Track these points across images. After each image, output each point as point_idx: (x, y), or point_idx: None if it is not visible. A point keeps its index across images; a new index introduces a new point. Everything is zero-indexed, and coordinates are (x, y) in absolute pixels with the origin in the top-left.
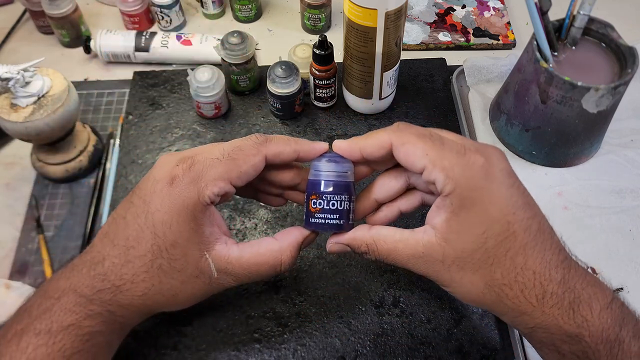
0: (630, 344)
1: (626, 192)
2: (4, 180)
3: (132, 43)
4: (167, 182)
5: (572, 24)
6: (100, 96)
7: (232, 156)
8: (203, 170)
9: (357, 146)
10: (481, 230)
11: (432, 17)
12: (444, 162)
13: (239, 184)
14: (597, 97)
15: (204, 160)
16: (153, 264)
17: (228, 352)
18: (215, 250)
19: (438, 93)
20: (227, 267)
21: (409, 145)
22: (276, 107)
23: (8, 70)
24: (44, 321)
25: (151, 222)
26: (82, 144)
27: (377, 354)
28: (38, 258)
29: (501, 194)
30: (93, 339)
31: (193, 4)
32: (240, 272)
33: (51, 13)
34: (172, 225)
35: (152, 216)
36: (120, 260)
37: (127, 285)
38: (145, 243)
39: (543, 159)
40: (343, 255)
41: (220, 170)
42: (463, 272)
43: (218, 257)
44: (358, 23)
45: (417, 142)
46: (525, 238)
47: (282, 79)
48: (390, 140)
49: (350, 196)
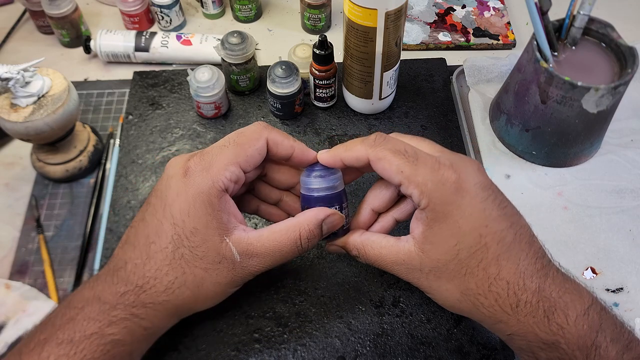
0: (607, 349)
1: (626, 192)
2: (4, 180)
3: (132, 43)
4: (181, 175)
5: (572, 24)
6: (100, 96)
7: (237, 142)
8: (213, 158)
9: (339, 157)
10: (453, 243)
11: (432, 17)
12: (417, 179)
13: (247, 168)
14: (597, 97)
15: (212, 150)
16: (175, 254)
17: (228, 352)
18: (235, 234)
19: (438, 93)
20: (249, 249)
21: (384, 162)
22: (276, 107)
23: (8, 70)
24: (67, 331)
25: (169, 213)
26: (82, 144)
27: (377, 354)
28: (38, 258)
29: (473, 208)
30: (115, 349)
31: (193, 4)
32: (262, 252)
33: (51, 13)
34: (190, 212)
35: (169, 208)
36: (142, 259)
37: (150, 283)
38: (166, 235)
39: (543, 159)
40: (343, 256)
41: (229, 155)
42: (440, 280)
43: (238, 240)
44: (358, 23)
45: (392, 159)
46: (498, 249)
47: (282, 79)
48: (367, 155)
49: (342, 204)
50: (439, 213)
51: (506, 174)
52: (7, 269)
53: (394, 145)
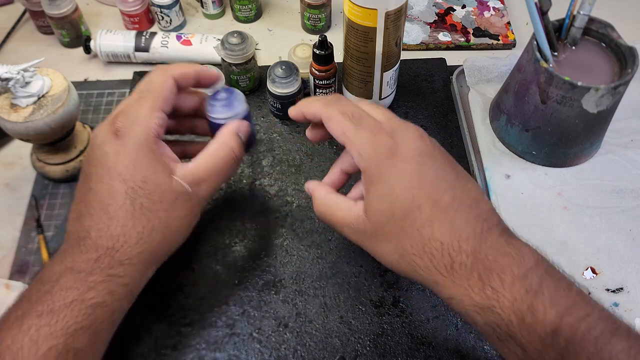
0: (545, 312)
1: (626, 192)
2: (4, 180)
3: (132, 43)
4: (113, 138)
5: (572, 24)
6: (101, 96)
7: (148, 89)
8: (136, 111)
9: (301, 111)
10: (387, 204)
11: (432, 17)
12: (357, 141)
13: (167, 109)
14: (597, 97)
15: (131, 105)
16: (134, 206)
17: (228, 352)
18: (178, 170)
19: (438, 93)
20: (195, 178)
21: (332, 122)
22: (276, 107)
23: (8, 70)
24: (45, 302)
25: (116, 173)
26: (82, 144)
27: (377, 354)
28: (38, 258)
29: (407, 171)
30: (96, 311)
31: (193, 4)
32: (207, 176)
33: (51, 13)
34: (136, 164)
35: (114, 169)
36: (104, 223)
37: (120, 241)
38: (119, 193)
39: (543, 159)
40: (343, 256)
41: (150, 103)
42: (380, 243)
43: (184, 174)
44: (358, 23)
45: (339, 120)
46: (433, 211)
47: (282, 79)
48: (320, 114)
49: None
50: (374, 176)
51: (506, 174)
52: (7, 269)
53: (343, 107)
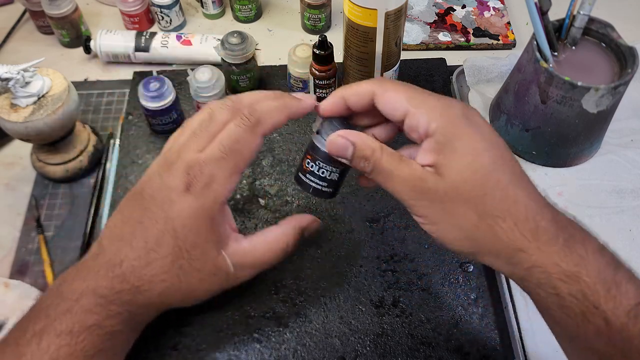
0: (627, 287)
1: (626, 192)
2: (4, 180)
3: (132, 43)
4: (183, 190)
5: (572, 24)
6: (100, 96)
7: (234, 149)
8: (213, 171)
9: (341, 95)
10: (468, 162)
11: (432, 17)
12: (426, 104)
13: (245, 169)
14: (597, 97)
15: (211, 162)
16: (173, 264)
17: (228, 352)
18: (230, 246)
19: (438, 93)
20: (242, 261)
21: (391, 92)
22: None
23: (8, 71)
24: (65, 322)
25: (171, 226)
26: (82, 144)
27: (377, 354)
28: (38, 258)
29: (483, 133)
30: (114, 338)
31: (193, 4)
32: (253, 263)
33: (51, 13)
34: (193, 228)
35: (172, 222)
36: (140, 262)
37: (145, 286)
38: (167, 246)
39: (543, 159)
40: (343, 256)
41: (229, 166)
42: (456, 203)
43: (233, 252)
44: (358, 23)
45: (399, 89)
46: (511, 176)
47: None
48: (372, 89)
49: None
50: (450, 134)
51: None
52: (7, 269)
53: (397, 81)
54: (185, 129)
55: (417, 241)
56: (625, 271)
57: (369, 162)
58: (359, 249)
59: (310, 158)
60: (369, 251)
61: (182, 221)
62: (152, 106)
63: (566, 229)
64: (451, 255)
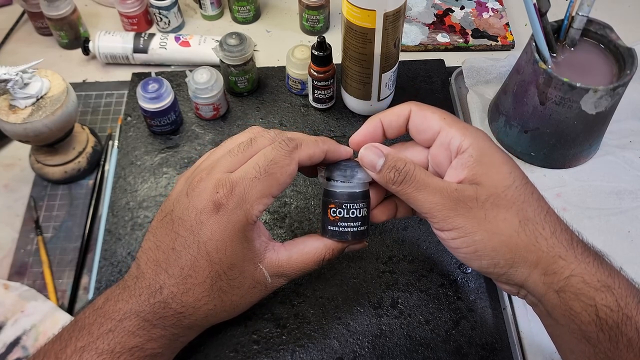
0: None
1: (625, 194)
2: (3, 181)
3: (130, 44)
4: (213, 211)
5: (570, 25)
6: (99, 97)
7: (269, 171)
8: (245, 192)
9: (377, 118)
10: (508, 170)
11: (430, 18)
12: (457, 124)
13: (278, 194)
14: (596, 98)
15: (243, 182)
16: (213, 287)
17: (227, 354)
18: (267, 258)
19: (437, 94)
20: (279, 271)
21: (427, 111)
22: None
23: (7, 72)
24: (107, 341)
25: (205, 251)
26: (81, 145)
27: (376, 355)
28: (37, 259)
29: (504, 154)
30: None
31: (191, 5)
32: (290, 272)
33: (50, 14)
34: (227, 250)
35: (204, 246)
36: (179, 289)
37: (190, 311)
38: (203, 271)
39: (542, 160)
40: (342, 256)
41: (262, 188)
42: (497, 209)
43: (270, 264)
44: (356, 24)
45: (434, 109)
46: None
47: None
48: (409, 107)
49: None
50: (485, 149)
51: None
52: (6, 270)
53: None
54: (222, 147)
55: (416, 242)
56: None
57: (399, 172)
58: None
59: (335, 205)
60: (368, 252)
61: (215, 244)
62: (151, 107)
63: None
64: (450, 256)
